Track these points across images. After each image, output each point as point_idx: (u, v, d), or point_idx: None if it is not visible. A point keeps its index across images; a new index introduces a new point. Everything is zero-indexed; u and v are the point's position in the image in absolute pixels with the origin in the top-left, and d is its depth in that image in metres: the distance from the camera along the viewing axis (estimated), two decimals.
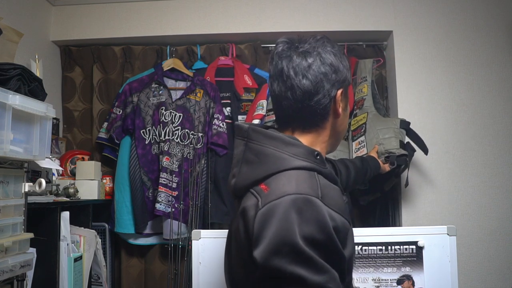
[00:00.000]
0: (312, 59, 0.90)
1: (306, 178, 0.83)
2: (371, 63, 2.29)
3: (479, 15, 2.28)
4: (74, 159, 2.31)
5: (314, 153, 0.88)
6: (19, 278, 1.41)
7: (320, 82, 0.89)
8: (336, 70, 0.91)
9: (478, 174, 2.20)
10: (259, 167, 0.87)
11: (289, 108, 0.92)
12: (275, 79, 0.93)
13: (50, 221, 1.72)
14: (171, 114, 2.32)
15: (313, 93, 0.89)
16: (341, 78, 0.92)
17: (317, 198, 0.78)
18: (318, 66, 0.90)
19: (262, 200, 0.81)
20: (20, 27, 1.93)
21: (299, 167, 0.85)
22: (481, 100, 2.25)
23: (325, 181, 0.86)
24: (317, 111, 0.91)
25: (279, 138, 0.88)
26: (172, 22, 2.42)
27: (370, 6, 2.34)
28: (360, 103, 2.23)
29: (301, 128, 0.93)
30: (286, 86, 0.90)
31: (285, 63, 0.91)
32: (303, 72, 0.89)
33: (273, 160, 0.86)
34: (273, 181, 0.83)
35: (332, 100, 0.92)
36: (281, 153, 0.86)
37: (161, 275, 2.38)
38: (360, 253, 1.42)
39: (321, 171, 0.87)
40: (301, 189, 0.79)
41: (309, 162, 0.86)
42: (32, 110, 1.37)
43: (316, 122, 0.93)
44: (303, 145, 0.89)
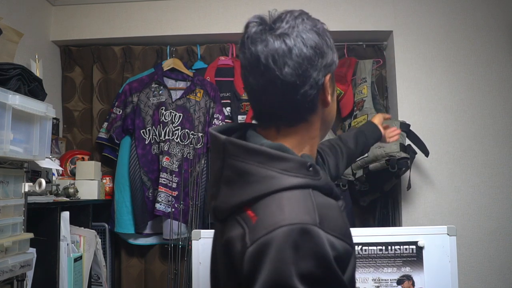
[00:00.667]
0: (293, 42, 0.73)
1: (300, 200, 0.70)
2: (371, 64, 2.29)
3: (479, 15, 2.28)
4: (74, 159, 2.31)
5: (306, 164, 0.73)
6: (19, 278, 1.41)
7: (305, 71, 0.74)
8: (322, 53, 0.76)
9: (478, 174, 2.20)
10: (242, 189, 0.73)
11: (270, 103, 0.77)
12: (249, 70, 0.76)
13: (50, 221, 1.72)
14: (171, 114, 2.32)
15: (299, 84, 0.74)
16: (328, 61, 0.77)
17: (314, 225, 0.66)
18: (300, 49, 0.73)
19: (250, 233, 0.68)
20: (20, 27, 1.93)
21: (291, 186, 0.71)
22: (481, 100, 2.25)
23: (321, 199, 0.73)
24: (304, 104, 0.76)
25: (263, 152, 0.73)
26: (172, 22, 2.42)
27: (370, 6, 2.34)
28: (360, 104, 2.23)
29: (287, 125, 0.79)
30: (265, 79, 0.74)
31: (260, 49, 0.74)
32: (283, 59, 0.73)
33: (259, 180, 0.71)
34: (261, 207, 0.70)
35: (320, 88, 0.77)
36: (267, 170, 0.71)
37: (161, 275, 2.38)
38: (360, 253, 1.42)
39: (316, 185, 0.73)
40: (295, 216, 0.67)
41: (302, 177, 0.72)
42: (32, 110, 1.37)
43: (303, 116, 0.79)
44: (293, 157, 0.74)
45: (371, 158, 2.03)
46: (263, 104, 0.79)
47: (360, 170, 2.12)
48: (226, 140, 0.75)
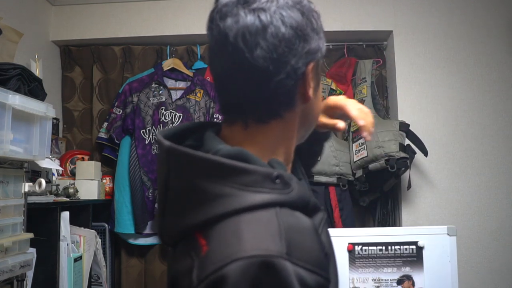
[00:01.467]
0: (269, 18, 0.59)
1: (262, 224, 0.55)
2: (371, 64, 2.29)
3: (479, 15, 2.28)
4: (74, 159, 2.31)
5: (272, 175, 0.58)
6: (19, 278, 1.41)
7: (282, 55, 0.59)
8: (305, 36, 0.61)
9: (478, 174, 2.20)
10: (192, 210, 0.58)
11: (237, 93, 0.63)
12: (216, 51, 0.63)
13: (50, 221, 1.72)
14: (171, 114, 2.32)
15: (272, 71, 0.59)
16: (313, 47, 0.63)
17: (280, 257, 0.51)
18: (278, 29, 0.59)
19: (198, 269, 0.54)
20: (20, 27, 1.93)
21: (251, 206, 0.56)
22: (481, 100, 2.25)
23: (292, 219, 0.57)
24: (278, 96, 0.62)
25: (216, 163, 0.57)
26: (172, 22, 2.42)
27: (370, 6, 2.34)
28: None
29: (256, 121, 0.63)
30: (233, 62, 0.60)
31: (229, 25, 0.59)
32: (256, 38, 0.58)
33: (212, 199, 0.57)
34: (214, 233, 0.55)
35: (300, 79, 0.62)
36: (222, 186, 0.57)
37: (161, 275, 2.38)
38: (360, 253, 1.42)
39: (284, 201, 0.58)
40: (256, 246, 0.52)
41: (266, 192, 0.57)
42: (32, 110, 1.37)
43: (277, 112, 0.63)
44: (254, 168, 0.58)
45: (371, 158, 2.03)
46: (229, 93, 0.64)
47: (359, 170, 2.12)
48: (170, 148, 0.60)
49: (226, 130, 0.67)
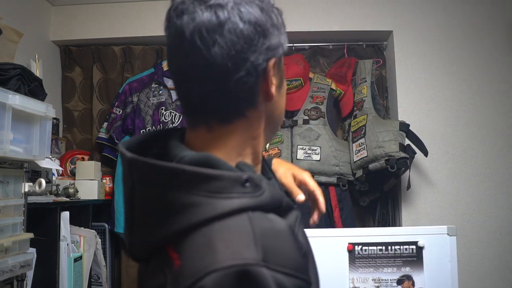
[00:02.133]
0: (226, 14, 0.57)
1: (235, 231, 0.53)
2: (371, 64, 2.29)
3: (479, 15, 2.28)
4: (74, 159, 2.31)
5: (241, 179, 0.55)
6: (19, 278, 1.41)
7: (240, 52, 0.58)
8: (264, 32, 0.60)
9: (478, 174, 2.20)
10: (160, 224, 0.55)
11: (196, 93, 0.60)
12: (173, 50, 0.61)
13: (50, 221, 1.72)
14: (171, 114, 2.32)
15: (232, 68, 0.58)
16: (273, 43, 0.61)
17: (257, 265, 0.49)
18: (235, 25, 0.57)
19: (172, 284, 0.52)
20: (20, 27, 1.93)
21: (222, 213, 0.53)
22: (481, 100, 2.25)
23: (265, 223, 0.55)
24: (240, 94, 0.59)
25: (181, 172, 0.54)
26: None
27: (370, 6, 2.34)
28: (360, 104, 2.23)
29: (219, 121, 0.61)
30: (190, 60, 0.58)
31: (185, 22, 0.57)
32: (213, 36, 0.57)
33: (180, 210, 0.54)
34: (185, 246, 0.53)
35: (261, 76, 0.60)
36: (190, 195, 0.54)
37: None
38: (360, 253, 1.42)
39: (256, 205, 0.55)
40: (231, 256, 0.50)
41: (236, 197, 0.54)
42: (32, 110, 1.37)
43: (240, 111, 0.61)
44: (221, 173, 0.55)
45: (371, 158, 2.03)
46: (189, 94, 0.62)
47: (359, 170, 2.12)
48: (131, 159, 0.57)
49: (190, 135, 0.64)
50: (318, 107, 2.26)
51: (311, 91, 2.30)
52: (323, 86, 2.30)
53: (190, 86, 0.61)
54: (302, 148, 2.19)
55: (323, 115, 2.24)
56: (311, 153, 2.18)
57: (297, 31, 2.36)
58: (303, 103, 2.28)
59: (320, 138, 2.19)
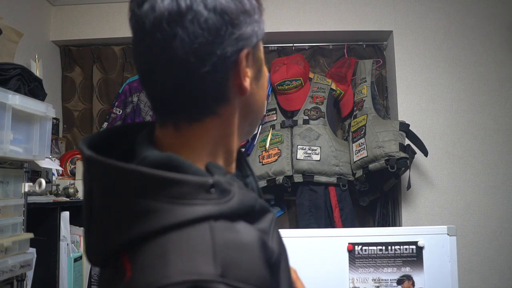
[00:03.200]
0: (189, 2, 0.50)
1: (193, 242, 0.47)
2: (371, 64, 2.29)
3: (479, 15, 2.29)
4: (74, 159, 2.31)
5: (207, 184, 0.50)
6: (19, 278, 1.41)
7: (205, 45, 0.51)
8: (233, 20, 0.53)
9: (478, 174, 2.20)
10: (116, 228, 0.50)
11: (161, 90, 0.54)
12: (136, 43, 0.54)
13: (50, 221, 1.72)
14: None
15: (195, 63, 0.51)
16: (245, 31, 0.54)
17: (213, 281, 0.44)
18: (199, 14, 0.51)
19: None
20: (20, 27, 1.93)
21: (182, 222, 0.48)
22: (481, 100, 2.25)
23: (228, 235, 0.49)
24: (206, 91, 0.53)
25: (141, 175, 0.49)
26: None
27: (370, 6, 2.34)
28: (360, 104, 2.23)
29: (187, 120, 0.55)
30: (152, 55, 0.52)
31: (145, 12, 0.51)
32: (174, 27, 0.50)
33: (137, 216, 0.49)
34: (139, 256, 0.48)
35: (231, 69, 0.54)
36: (149, 200, 0.48)
37: None
38: (360, 253, 1.42)
39: (221, 213, 0.50)
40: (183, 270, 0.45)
41: (199, 204, 0.49)
42: (32, 110, 1.37)
43: (209, 108, 0.55)
44: (185, 178, 0.49)
45: (371, 158, 2.03)
46: (154, 91, 0.55)
47: (359, 170, 2.12)
48: (89, 158, 0.52)
49: (158, 132, 0.58)
50: (318, 107, 2.26)
51: (311, 91, 2.30)
52: (323, 86, 2.30)
53: (154, 83, 0.54)
54: (302, 148, 2.19)
55: (323, 115, 2.24)
56: (311, 153, 2.18)
57: (297, 31, 2.36)
58: (303, 103, 2.28)
59: (320, 138, 2.19)
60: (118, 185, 0.50)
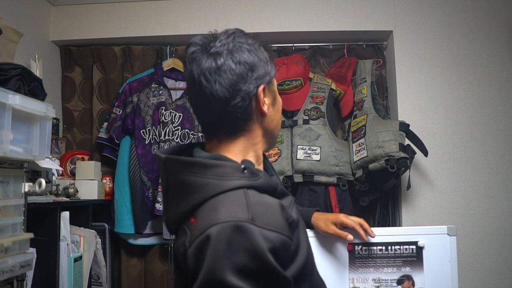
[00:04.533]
0: (222, 60, 0.80)
1: (233, 200, 0.74)
2: (371, 64, 2.29)
3: (479, 15, 2.29)
4: (74, 159, 2.31)
5: (240, 167, 0.78)
6: (19, 278, 1.41)
7: (234, 85, 0.80)
8: (252, 67, 0.82)
9: (478, 174, 2.20)
10: (185, 201, 0.78)
11: (207, 117, 0.84)
12: (189, 86, 0.84)
13: (50, 221, 1.72)
14: (171, 114, 2.32)
15: (229, 97, 0.80)
16: (260, 73, 0.83)
17: (246, 222, 0.70)
18: (229, 66, 0.80)
19: (190, 236, 0.74)
20: (20, 27, 1.93)
21: (225, 189, 0.76)
22: (481, 100, 2.25)
23: (257, 198, 0.76)
24: (237, 115, 0.82)
25: (198, 163, 0.78)
26: (172, 22, 2.42)
27: (370, 6, 2.34)
28: (360, 104, 2.23)
29: (226, 135, 0.85)
30: (200, 95, 0.81)
31: (194, 68, 0.81)
32: (214, 76, 0.79)
33: (197, 189, 0.77)
34: (200, 212, 0.76)
35: (253, 99, 0.83)
36: (204, 178, 0.77)
37: (161, 275, 2.38)
38: (360, 253, 1.42)
39: (251, 185, 0.78)
40: (227, 215, 0.71)
41: (236, 179, 0.77)
42: (32, 110, 1.37)
43: (240, 127, 0.84)
44: (227, 163, 0.79)
45: (371, 158, 2.03)
46: (203, 118, 0.86)
47: (359, 170, 2.12)
48: (166, 158, 0.82)
49: (207, 146, 0.89)
50: (318, 107, 2.26)
51: (311, 91, 2.30)
52: (323, 86, 2.30)
53: (202, 112, 0.85)
54: (302, 148, 2.19)
55: (323, 115, 2.24)
56: (311, 153, 2.18)
57: (297, 31, 2.36)
58: (303, 103, 2.28)
59: (320, 138, 2.19)
60: (185, 171, 0.79)
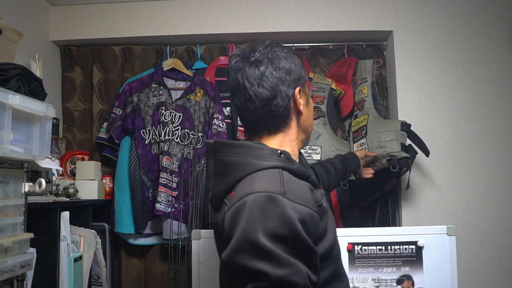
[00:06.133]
0: (264, 67, 0.95)
1: (269, 176, 0.86)
2: (371, 64, 2.29)
3: (479, 15, 2.28)
4: (74, 159, 2.31)
5: (277, 152, 0.91)
6: (19, 278, 1.41)
7: (276, 87, 0.95)
8: (289, 72, 0.97)
9: (478, 174, 2.20)
10: (228, 177, 0.91)
11: (251, 116, 0.98)
12: (234, 92, 0.99)
13: (50, 221, 1.72)
14: (171, 114, 2.32)
15: (271, 98, 0.95)
16: (296, 77, 0.98)
17: (279, 194, 0.81)
18: (270, 72, 0.95)
19: (228, 204, 0.85)
20: (20, 27, 1.94)
21: (263, 167, 0.88)
22: (481, 100, 2.25)
23: (290, 177, 0.88)
24: (278, 113, 0.96)
25: (241, 145, 0.92)
26: (172, 22, 2.42)
27: (370, 6, 2.34)
28: (360, 104, 2.23)
29: (267, 133, 0.98)
30: (245, 97, 0.96)
31: (239, 75, 0.96)
32: (257, 81, 0.94)
33: (239, 167, 0.90)
34: (239, 185, 0.88)
35: (291, 99, 0.97)
36: (245, 158, 0.90)
37: (161, 275, 2.38)
38: (360, 253, 1.42)
39: (286, 167, 0.90)
40: (262, 187, 0.82)
41: (273, 161, 0.89)
42: (32, 110, 1.37)
43: (280, 124, 0.98)
44: (266, 147, 0.93)
45: (372, 158, 2.03)
46: (247, 118, 0.99)
47: None
48: (215, 142, 0.97)
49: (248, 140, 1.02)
50: (318, 106, 2.26)
51: (311, 91, 2.30)
52: (323, 86, 2.30)
53: (247, 113, 0.98)
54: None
55: (324, 114, 2.24)
56: (311, 153, 2.18)
57: (297, 31, 2.36)
58: None
59: (321, 137, 2.19)
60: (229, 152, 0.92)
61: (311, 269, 0.79)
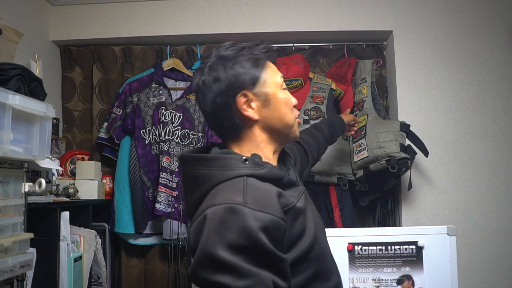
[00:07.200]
0: (203, 76, 0.93)
1: (231, 187, 0.84)
2: (371, 64, 2.29)
3: (479, 15, 2.28)
4: (74, 159, 2.31)
5: (242, 158, 0.87)
6: (19, 278, 1.41)
7: (214, 99, 0.91)
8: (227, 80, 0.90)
9: (478, 174, 2.20)
10: (196, 191, 0.89)
11: (211, 125, 0.98)
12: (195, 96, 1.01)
13: (50, 221, 1.72)
14: (171, 114, 2.32)
15: (212, 111, 0.93)
16: (234, 84, 0.91)
17: (239, 204, 0.78)
18: (208, 85, 0.92)
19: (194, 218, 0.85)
20: (20, 27, 1.93)
21: (228, 178, 0.85)
22: (481, 100, 2.25)
23: (255, 184, 0.84)
24: (226, 124, 0.93)
25: (206, 158, 0.89)
26: (172, 22, 2.42)
27: (370, 6, 2.34)
28: (360, 104, 2.23)
29: (232, 139, 0.96)
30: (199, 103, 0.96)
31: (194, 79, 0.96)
32: (199, 93, 0.94)
33: (205, 180, 0.88)
34: (206, 199, 0.86)
35: (233, 109, 0.91)
36: (210, 171, 0.87)
37: (161, 275, 2.38)
38: (360, 253, 1.42)
39: (253, 174, 0.86)
40: (223, 198, 0.80)
41: (238, 168, 0.86)
42: (32, 110, 1.37)
43: (237, 131, 0.94)
44: (232, 156, 0.89)
45: (372, 158, 2.03)
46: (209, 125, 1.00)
47: (360, 170, 2.12)
48: (181, 156, 0.94)
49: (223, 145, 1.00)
50: (318, 107, 2.26)
51: (311, 91, 2.30)
52: (323, 86, 2.30)
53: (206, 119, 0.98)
54: None
55: (323, 115, 2.24)
56: None
57: (297, 31, 2.36)
58: (303, 103, 2.28)
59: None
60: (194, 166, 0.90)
61: (279, 276, 0.78)
